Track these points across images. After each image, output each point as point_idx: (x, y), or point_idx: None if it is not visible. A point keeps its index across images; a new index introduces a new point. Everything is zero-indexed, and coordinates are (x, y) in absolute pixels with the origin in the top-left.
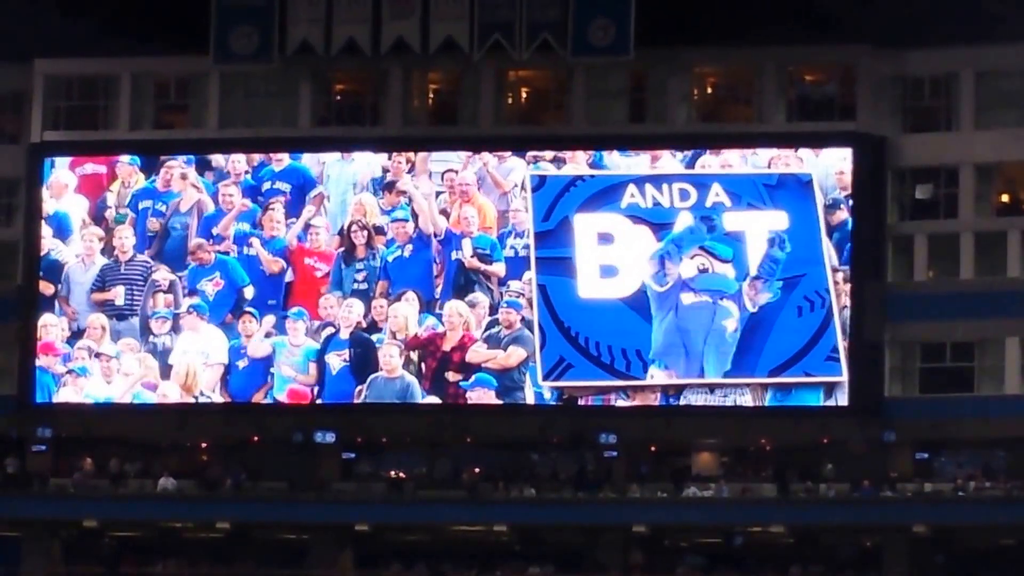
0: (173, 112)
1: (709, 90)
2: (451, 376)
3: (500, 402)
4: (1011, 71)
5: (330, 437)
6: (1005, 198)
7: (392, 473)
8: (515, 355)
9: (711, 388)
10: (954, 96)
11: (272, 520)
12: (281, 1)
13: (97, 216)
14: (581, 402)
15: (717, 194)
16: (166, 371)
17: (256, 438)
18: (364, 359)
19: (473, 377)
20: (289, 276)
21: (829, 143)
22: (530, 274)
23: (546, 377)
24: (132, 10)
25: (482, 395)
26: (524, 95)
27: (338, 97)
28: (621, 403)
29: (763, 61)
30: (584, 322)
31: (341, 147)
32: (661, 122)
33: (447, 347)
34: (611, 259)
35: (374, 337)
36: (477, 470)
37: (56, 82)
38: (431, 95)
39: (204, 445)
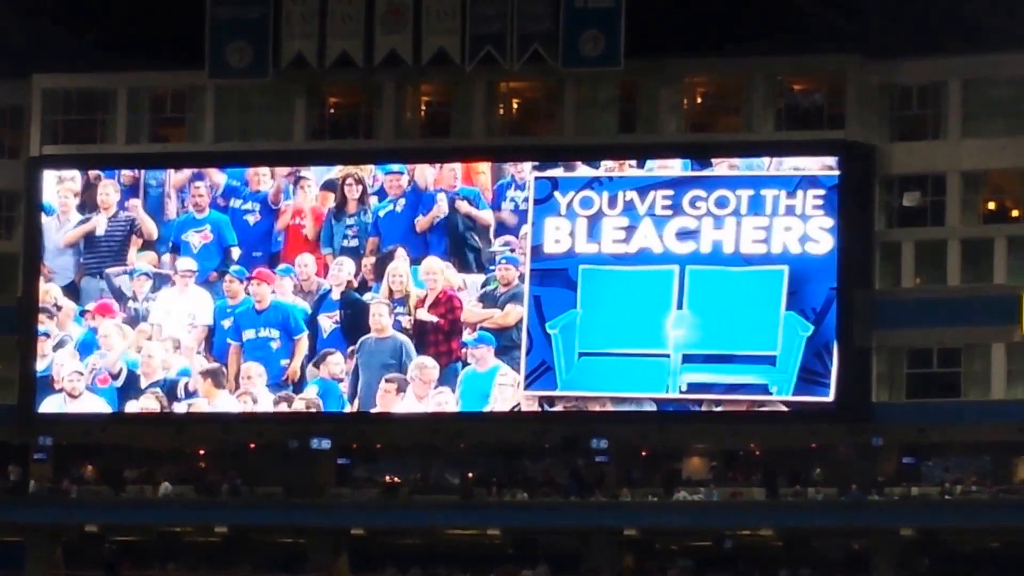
0: (169, 126)
1: (699, 100)
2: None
3: (494, 410)
4: (998, 80)
5: (325, 443)
6: (992, 206)
7: (387, 478)
8: (513, 313)
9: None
10: (942, 105)
11: (269, 525)
12: (275, 15)
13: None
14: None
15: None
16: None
17: (253, 445)
18: (355, 320)
19: (476, 334)
20: (278, 230)
21: (818, 152)
22: (524, 271)
23: (527, 378)
24: (129, 25)
25: (484, 353)
26: (515, 106)
27: (332, 110)
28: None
29: (752, 71)
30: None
31: (335, 160)
32: (652, 132)
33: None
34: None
35: (366, 296)
36: (471, 475)
37: (54, 96)
38: (423, 107)
39: (202, 452)
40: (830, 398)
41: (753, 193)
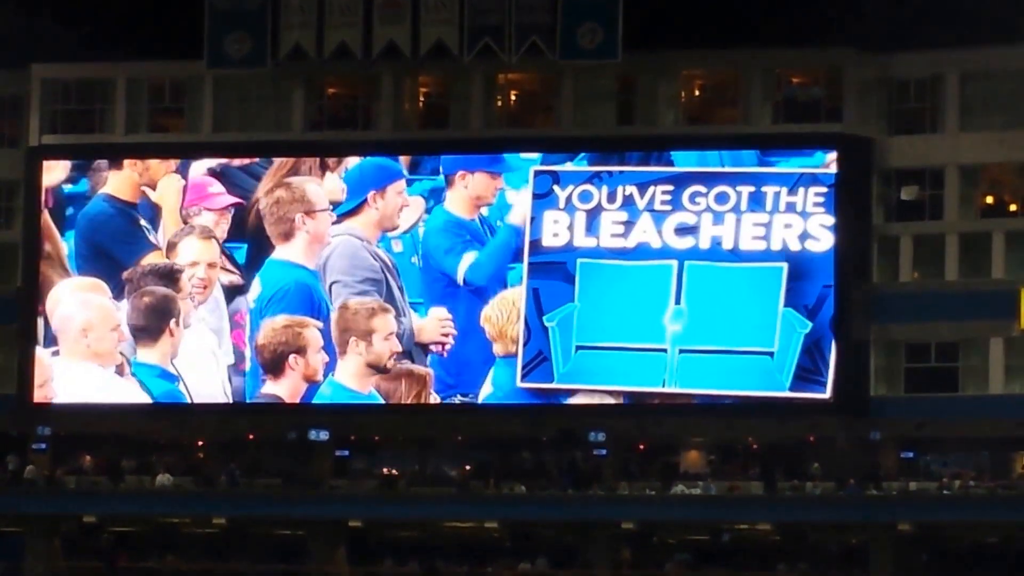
0: (168, 116)
1: (696, 92)
2: None
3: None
4: (996, 73)
5: (324, 435)
6: (989, 200)
7: (385, 470)
8: None
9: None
10: (939, 98)
11: (267, 516)
12: (274, 6)
13: None
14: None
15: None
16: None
17: (251, 436)
18: None
19: None
20: None
21: (815, 145)
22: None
23: (524, 367)
24: (128, 15)
25: None
26: (513, 98)
27: (330, 101)
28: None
29: (750, 64)
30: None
31: (333, 151)
32: (649, 124)
33: None
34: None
35: None
36: (468, 467)
37: (53, 86)
38: (422, 99)
39: (200, 443)
40: (826, 395)
41: (754, 189)
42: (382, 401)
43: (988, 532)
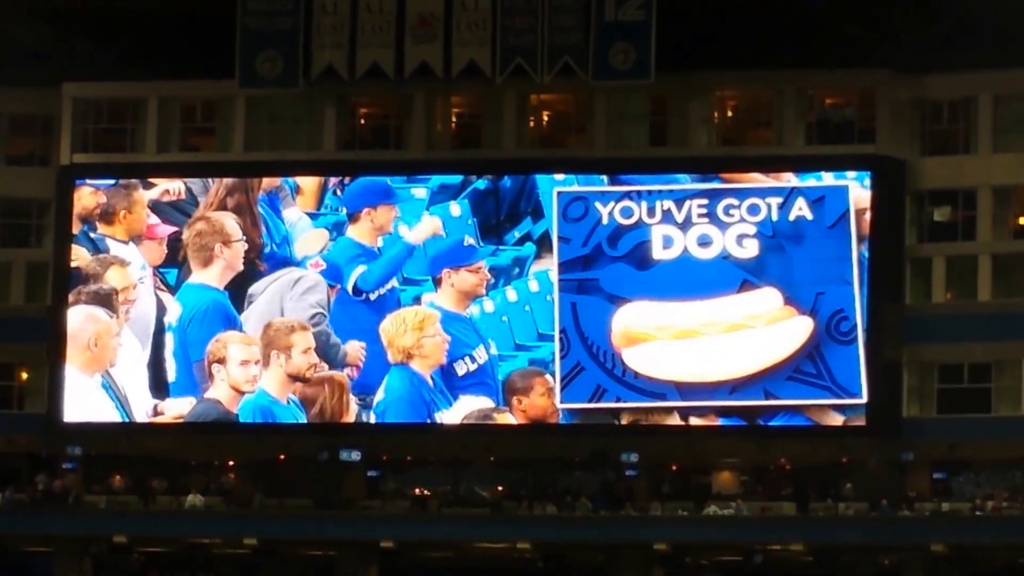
0: (199, 135)
1: (729, 113)
2: None
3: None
4: None
5: (356, 455)
6: (1022, 220)
7: (417, 490)
8: None
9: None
10: (972, 119)
11: (298, 537)
12: (306, 26)
13: None
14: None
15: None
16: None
17: (283, 456)
18: None
19: None
20: None
21: (848, 166)
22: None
23: (562, 380)
24: (160, 35)
25: None
26: (546, 119)
27: (362, 121)
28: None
29: (783, 85)
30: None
31: (365, 171)
32: (682, 145)
33: None
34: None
35: None
36: (501, 488)
37: (85, 105)
38: (454, 119)
39: (232, 463)
40: (837, 400)
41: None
42: (304, 412)
43: (1021, 553)
